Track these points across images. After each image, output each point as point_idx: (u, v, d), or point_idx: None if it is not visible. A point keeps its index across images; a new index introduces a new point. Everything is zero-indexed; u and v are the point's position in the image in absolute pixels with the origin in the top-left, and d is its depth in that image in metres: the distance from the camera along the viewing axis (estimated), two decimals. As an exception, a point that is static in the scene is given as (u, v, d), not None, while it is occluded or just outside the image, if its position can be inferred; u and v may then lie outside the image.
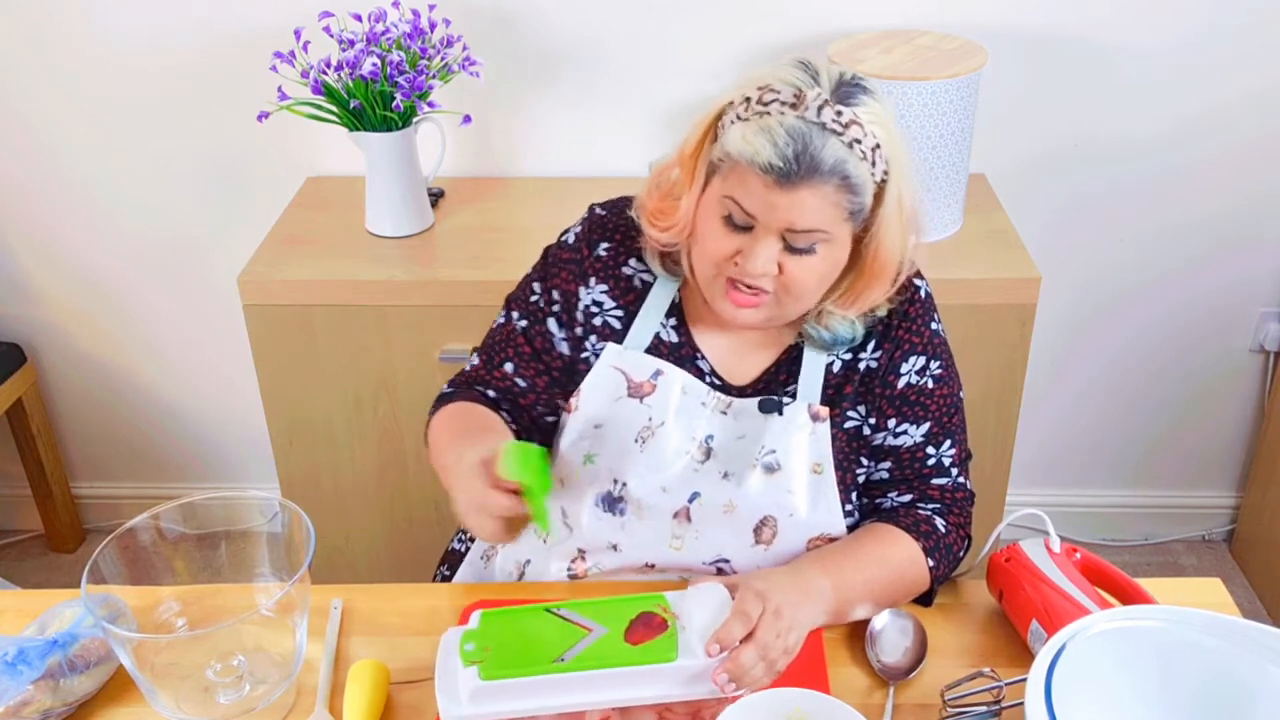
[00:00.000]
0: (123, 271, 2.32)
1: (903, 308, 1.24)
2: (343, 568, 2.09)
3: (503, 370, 1.31)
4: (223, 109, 2.13)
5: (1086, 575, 1.17)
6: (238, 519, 1.17)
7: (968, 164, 1.94)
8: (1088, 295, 2.28)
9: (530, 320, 1.30)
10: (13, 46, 2.12)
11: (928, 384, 1.25)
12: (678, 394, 1.24)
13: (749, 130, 1.08)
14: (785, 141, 1.06)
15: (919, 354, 1.24)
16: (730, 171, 1.11)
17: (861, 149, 1.08)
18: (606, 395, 1.25)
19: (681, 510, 1.23)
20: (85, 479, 2.60)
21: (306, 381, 1.96)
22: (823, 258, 1.13)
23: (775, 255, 1.12)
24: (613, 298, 1.27)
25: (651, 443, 1.23)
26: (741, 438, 1.23)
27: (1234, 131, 2.12)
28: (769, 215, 1.09)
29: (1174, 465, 2.48)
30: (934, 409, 1.25)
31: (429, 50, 1.88)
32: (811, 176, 1.07)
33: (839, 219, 1.11)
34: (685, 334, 1.27)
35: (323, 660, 1.16)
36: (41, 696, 1.08)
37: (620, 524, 1.24)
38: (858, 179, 1.09)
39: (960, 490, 1.27)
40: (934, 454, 1.26)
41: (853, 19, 2.04)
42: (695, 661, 1.02)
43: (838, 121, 1.07)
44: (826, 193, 1.08)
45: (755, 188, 1.09)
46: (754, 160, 1.07)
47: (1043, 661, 0.91)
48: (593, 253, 1.28)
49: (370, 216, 2.01)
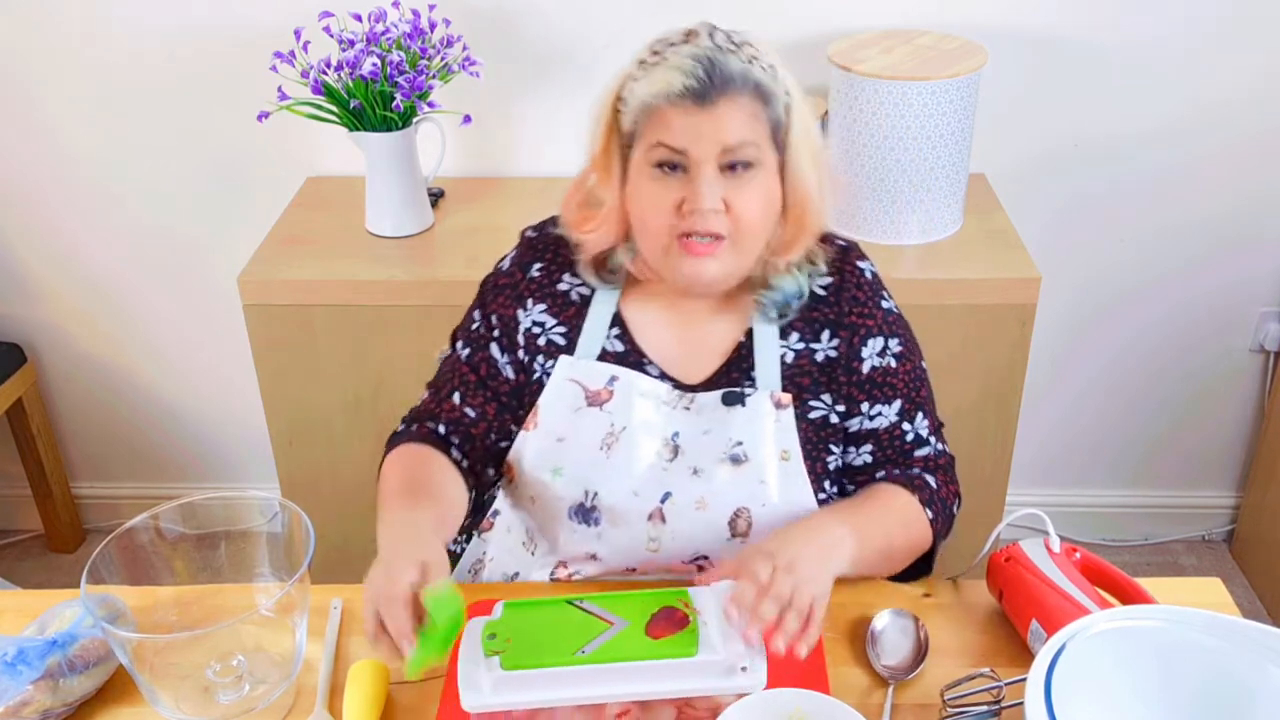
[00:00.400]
0: (123, 271, 2.32)
1: (850, 291, 1.25)
2: (343, 568, 2.07)
3: (451, 401, 1.30)
4: (223, 109, 2.13)
5: (1086, 575, 1.17)
6: (238, 519, 1.17)
7: (968, 164, 1.94)
8: (1088, 295, 2.28)
9: (473, 349, 1.30)
10: (12, 47, 2.12)
11: (891, 363, 1.26)
12: (636, 397, 1.24)
13: (652, 75, 1.12)
14: (691, 66, 1.10)
15: (876, 335, 1.25)
16: (647, 123, 1.13)
17: (761, 65, 1.13)
18: (565, 408, 1.25)
19: (655, 512, 1.23)
20: (85, 479, 2.60)
21: (306, 381, 1.96)
22: (760, 185, 1.15)
23: (719, 188, 1.13)
24: (553, 315, 1.27)
25: (617, 448, 1.23)
26: (707, 432, 1.23)
27: (1234, 131, 2.12)
28: (699, 142, 1.11)
29: (1174, 465, 2.48)
30: (901, 386, 1.27)
31: (429, 50, 1.88)
32: (726, 88, 1.10)
33: (762, 133, 1.13)
34: (629, 342, 1.27)
35: (322, 660, 1.16)
36: (41, 696, 1.08)
37: (596, 533, 1.24)
38: (768, 87, 1.13)
39: (942, 456, 1.30)
40: (910, 429, 1.28)
41: (853, 19, 2.04)
42: (716, 657, 1.02)
43: (732, 43, 1.13)
44: (744, 103, 1.11)
45: (677, 120, 1.11)
46: (668, 94, 1.11)
47: (1043, 661, 0.91)
48: (526, 275, 1.29)
49: (370, 216, 2.01)
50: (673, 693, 1.03)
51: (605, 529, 1.24)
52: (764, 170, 1.15)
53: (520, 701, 1.02)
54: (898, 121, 1.83)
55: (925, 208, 1.91)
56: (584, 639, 1.04)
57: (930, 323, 1.87)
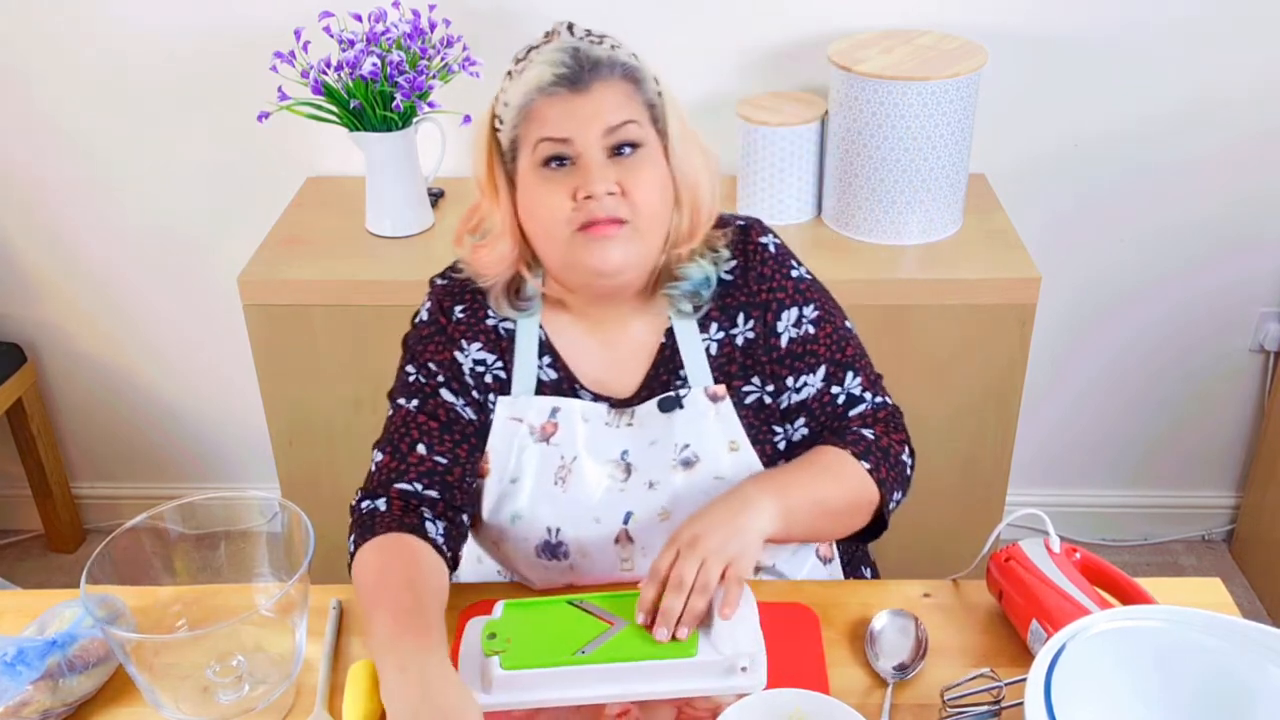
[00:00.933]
0: (123, 271, 2.33)
1: (756, 269, 1.25)
2: (342, 568, 2.08)
3: (416, 454, 1.22)
4: (223, 109, 2.13)
5: (1086, 575, 1.17)
6: (237, 519, 1.17)
7: (968, 164, 1.94)
8: (1088, 295, 2.28)
9: (421, 399, 1.24)
10: (13, 47, 2.12)
11: (809, 330, 1.25)
12: (581, 423, 1.24)
13: (522, 77, 1.13)
14: (558, 58, 1.12)
15: (790, 306, 1.24)
16: (526, 125, 1.13)
17: (626, 51, 1.16)
18: (514, 448, 1.24)
19: (620, 534, 1.22)
20: (85, 479, 2.60)
21: (306, 381, 1.96)
22: (650, 165, 1.15)
23: (610, 172, 1.13)
24: (490, 351, 1.26)
25: (571, 480, 1.23)
26: (654, 443, 1.23)
27: (1233, 131, 2.12)
28: (580, 126, 1.12)
29: (1174, 465, 2.48)
30: (824, 351, 1.25)
31: (429, 50, 1.88)
32: (596, 71, 1.12)
33: (641, 113, 1.15)
34: (561, 369, 1.26)
35: (322, 660, 1.16)
36: (41, 697, 1.08)
37: (568, 566, 1.24)
38: (638, 70, 1.15)
39: (881, 409, 1.28)
40: (840, 390, 1.26)
41: (853, 19, 2.04)
42: (716, 657, 1.02)
43: (593, 37, 1.15)
44: (616, 84, 1.13)
45: (554, 110, 1.12)
46: (541, 87, 1.12)
47: (1042, 661, 0.91)
48: (450, 319, 1.26)
49: (370, 216, 2.01)
50: (672, 693, 1.03)
51: (575, 560, 1.24)
52: (651, 150, 1.15)
53: (520, 701, 1.02)
54: (898, 121, 1.83)
55: (925, 208, 1.91)
56: (584, 639, 1.04)
57: (930, 323, 1.88)
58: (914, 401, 1.93)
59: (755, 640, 1.04)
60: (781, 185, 1.97)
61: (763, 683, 1.02)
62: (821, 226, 2.02)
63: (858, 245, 1.95)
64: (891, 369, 1.90)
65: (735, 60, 2.09)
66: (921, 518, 2.04)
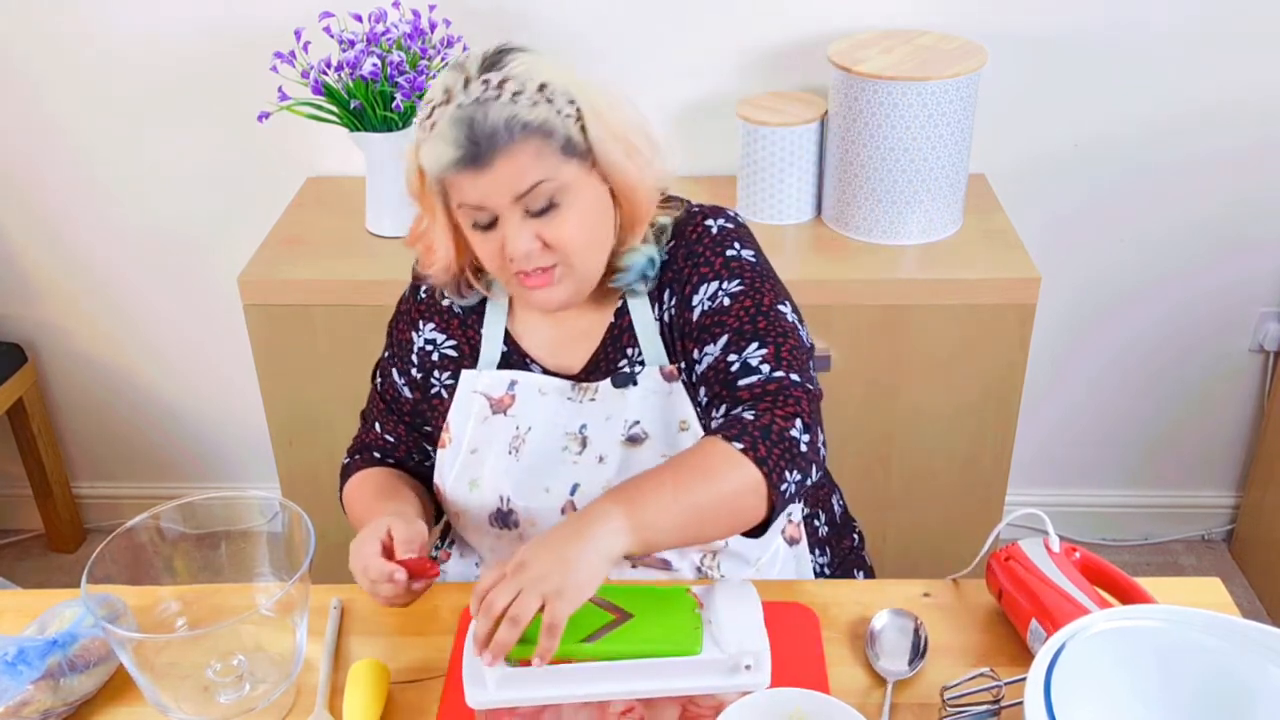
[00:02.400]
0: (123, 271, 2.33)
1: (687, 247, 1.24)
2: (343, 567, 2.08)
3: (375, 431, 1.39)
4: (223, 109, 2.13)
5: (1086, 575, 1.17)
6: (238, 519, 1.17)
7: (968, 164, 1.94)
8: (1087, 295, 2.28)
9: (383, 378, 1.38)
10: (13, 47, 2.12)
11: (724, 302, 1.21)
12: (537, 396, 1.27)
13: (428, 146, 1.11)
14: (454, 133, 1.08)
15: (710, 280, 1.22)
16: (447, 186, 1.14)
17: (527, 97, 1.09)
18: (474, 419, 1.28)
19: (566, 504, 1.24)
20: (85, 479, 2.60)
21: (306, 381, 1.96)
22: (574, 208, 1.14)
23: (529, 230, 1.13)
24: (441, 331, 1.32)
25: (524, 450, 1.25)
26: (609, 418, 1.24)
27: (1233, 131, 2.12)
28: (492, 199, 1.11)
29: (1174, 465, 2.48)
30: (732, 322, 1.19)
31: (429, 50, 1.88)
32: (495, 144, 1.08)
33: (554, 163, 1.11)
34: (512, 344, 1.30)
35: (323, 660, 1.16)
36: (41, 696, 1.08)
37: (517, 535, 1.26)
38: (540, 122, 1.10)
39: (771, 382, 1.15)
40: (736, 359, 1.18)
41: (853, 19, 2.04)
42: (720, 655, 1.02)
43: (490, 88, 1.09)
44: (520, 149, 1.09)
45: (465, 185, 1.11)
46: (443, 166, 1.10)
47: (1042, 661, 0.91)
48: (416, 299, 1.34)
49: (370, 216, 2.01)
50: (676, 690, 1.03)
51: (525, 530, 1.26)
52: (572, 190, 1.13)
53: (525, 698, 1.02)
54: (898, 121, 1.83)
55: (925, 208, 1.91)
56: (589, 629, 1.04)
57: (930, 323, 1.88)
58: (914, 401, 1.95)
59: (759, 638, 1.04)
60: (781, 185, 1.98)
61: (767, 681, 1.02)
62: (821, 226, 2.02)
63: (858, 245, 1.95)
64: (891, 369, 1.92)
65: (735, 60, 2.09)
66: (921, 518, 2.05)
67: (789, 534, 1.37)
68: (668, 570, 1.28)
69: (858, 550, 1.47)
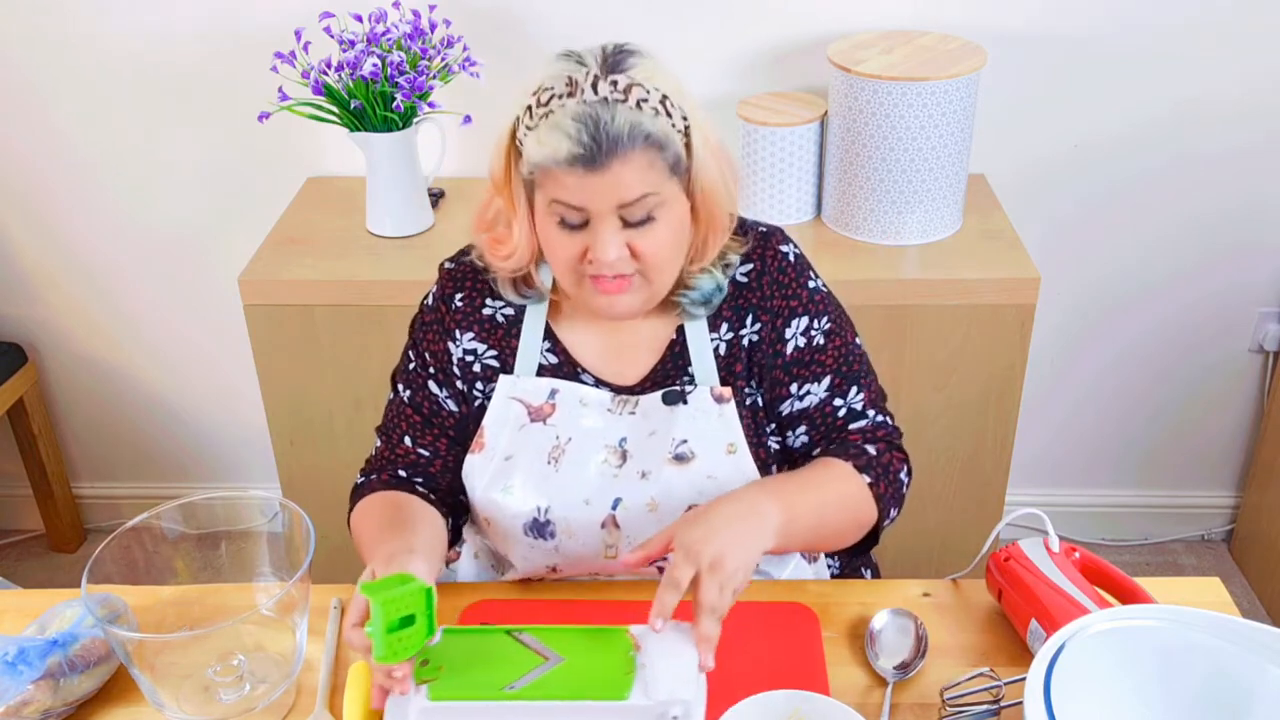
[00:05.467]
0: (123, 271, 2.33)
1: (772, 274, 1.25)
2: (343, 567, 2.08)
3: (404, 446, 1.30)
4: (223, 109, 2.14)
5: (1086, 575, 1.17)
6: (238, 519, 1.17)
7: (968, 164, 1.94)
8: (1087, 295, 2.28)
9: (413, 390, 1.30)
10: (14, 47, 2.12)
11: (818, 340, 1.25)
12: (578, 406, 1.25)
13: (540, 134, 1.09)
14: (576, 129, 1.06)
15: (800, 315, 1.25)
16: (544, 179, 1.11)
17: (651, 106, 1.08)
18: (510, 427, 1.25)
19: (608, 519, 1.22)
20: (86, 479, 2.60)
21: (307, 381, 1.96)
22: (666, 223, 1.13)
23: (621, 238, 1.12)
24: (482, 341, 1.27)
25: (564, 460, 1.23)
26: (653, 434, 1.23)
27: (1233, 132, 2.12)
28: (596, 202, 1.10)
29: (1174, 465, 2.48)
30: (830, 362, 1.26)
31: (429, 51, 1.88)
32: (615, 149, 1.07)
33: (662, 178, 1.11)
34: (561, 353, 1.27)
35: (323, 660, 1.16)
36: (41, 696, 1.08)
37: (553, 546, 1.24)
38: (660, 134, 1.09)
39: (881, 428, 1.27)
40: (842, 403, 1.26)
41: (853, 19, 2.04)
42: (646, 703, 0.99)
43: (617, 90, 1.07)
44: (636, 157, 1.08)
45: (570, 183, 1.09)
46: (556, 160, 1.08)
47: (1042, 661, 0.91)
48: (450, 307, 1.28)
49: (370, 216, 2.01)
50: None
51: (561, 541, 1.24)
52: (668, 207, 1.13)
53: None
54: (898, 122, 1.83)
55: (925, 208, 1.91)
56: (515, 674, 1.03)
57: (930, 323, 1.88)
58: (914, 401, 1.95)
59: (692, 687, 1.00)
60: (781, 185, 1.98)
61: None
62: (821, 227, 2.02)
63: (858, 245, 1.95)
64: (891, 369, 1.92)
65: (735, 60, 2.09)
66: (921, 518, 2.05)
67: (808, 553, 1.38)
68: None
69: None
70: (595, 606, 1.23)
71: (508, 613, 1.22)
